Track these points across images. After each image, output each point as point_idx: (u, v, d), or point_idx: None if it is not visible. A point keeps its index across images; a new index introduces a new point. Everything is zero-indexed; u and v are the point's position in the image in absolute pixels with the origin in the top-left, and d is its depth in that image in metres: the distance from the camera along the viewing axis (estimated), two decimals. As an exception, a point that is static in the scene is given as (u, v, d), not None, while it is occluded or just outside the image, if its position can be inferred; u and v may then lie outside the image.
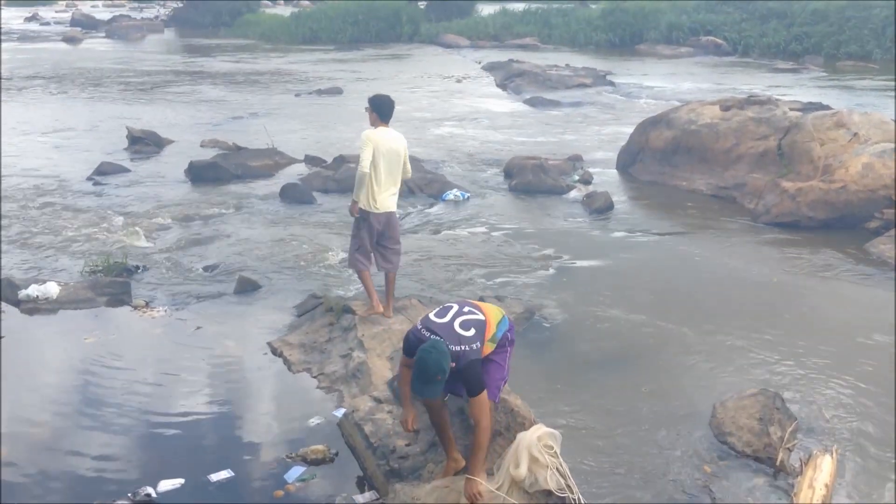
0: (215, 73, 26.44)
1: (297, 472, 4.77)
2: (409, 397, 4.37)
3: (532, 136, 15.69)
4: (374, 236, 6.42)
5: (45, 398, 5.68)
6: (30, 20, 55.02)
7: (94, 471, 4.82)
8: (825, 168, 9.99)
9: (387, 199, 6.39)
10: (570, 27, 39.28)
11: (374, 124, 6.33)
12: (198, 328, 6.88)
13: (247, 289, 7.69)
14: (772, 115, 11.44)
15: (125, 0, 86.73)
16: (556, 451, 4.08)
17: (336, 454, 4.96)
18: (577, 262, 8.57)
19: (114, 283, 7.60)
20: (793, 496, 4.41)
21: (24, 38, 40.00)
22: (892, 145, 9.84)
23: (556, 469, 4.02)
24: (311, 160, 13.36)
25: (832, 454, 4.67)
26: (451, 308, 4.22)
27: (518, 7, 46.42)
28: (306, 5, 64.40)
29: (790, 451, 4.91)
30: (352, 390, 5.64)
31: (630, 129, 13.36)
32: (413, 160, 12.88)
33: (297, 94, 21.64)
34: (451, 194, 11.14)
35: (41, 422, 5.37)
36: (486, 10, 49.50)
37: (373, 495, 4.55)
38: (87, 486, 4.65)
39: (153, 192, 11.32)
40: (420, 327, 4.11)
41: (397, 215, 6.77)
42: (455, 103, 20.28)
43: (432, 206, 10.89)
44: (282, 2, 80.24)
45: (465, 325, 4.07)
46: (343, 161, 12.35)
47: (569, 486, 3.99)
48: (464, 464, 4.17)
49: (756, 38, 33.81)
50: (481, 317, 4.16)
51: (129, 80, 24.38)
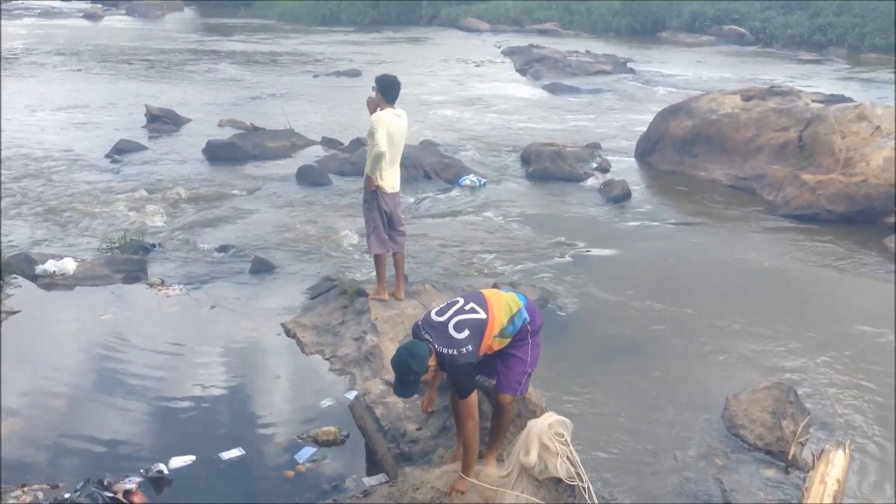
0: (234, 53, 26.44)
1: (307, 452, 4.80)
2: (432, 383, 4.39)
3: (550, 123, 15.60)
4: (385, 218, 6.40)
5: (61, 374, 5.73)
6: (51, -4, 55.08)
7: (107, 447, 4.86)
8: (846, 161, 9.87)
9: (395, 179, 6.40)
10: (592, 13, 38.91)
11: (380, 105, 6.26)
12: (213, 307, 6.91)
13: (261, 269, 7.72)
14: (793, 107, 11.30)
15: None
16: (566, 440, 4.07)
17: (347, 436, 4.98)
18: (593, 251, 8.53)
19: (130, 261, 7.65)
20: (804, 491, 4.39)
21: (45, 13, 40.17)
22: (915, 139, 9.71)
23: (567, 457, 4.01)
24: (327, 142, 13.35)
25: (845, 449, 4.64)
26: (456, 304, 4.10)
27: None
28: (327, -14, 64.21)
29: (802, 445, 4.89)
30: (364, 373, 5.65)
31: (649, 118, 13.26)
32: (429, 145, 12.95)
33: (315, 76, 21.61)
34: (468, 179, 11.10)
35: (56, 398, 5.41)
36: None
37: (382, 478, 4.57)
38: (100, 461, 4.69)
39: (170, 171, 11.36)
40: (420, 323, 4.07)
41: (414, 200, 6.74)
42: (474, 88, 20.18)
43: (448, 191, 10.86)
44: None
45: (460, 326, 3.94)
46: (360, 144, 12.33)
47: (578, 474, 3.98)
48: (470, 482, 4.14)
49: (780, 28, 33.39)
50: (482, 316, 4.01)
51: (148, 58, 24.42)
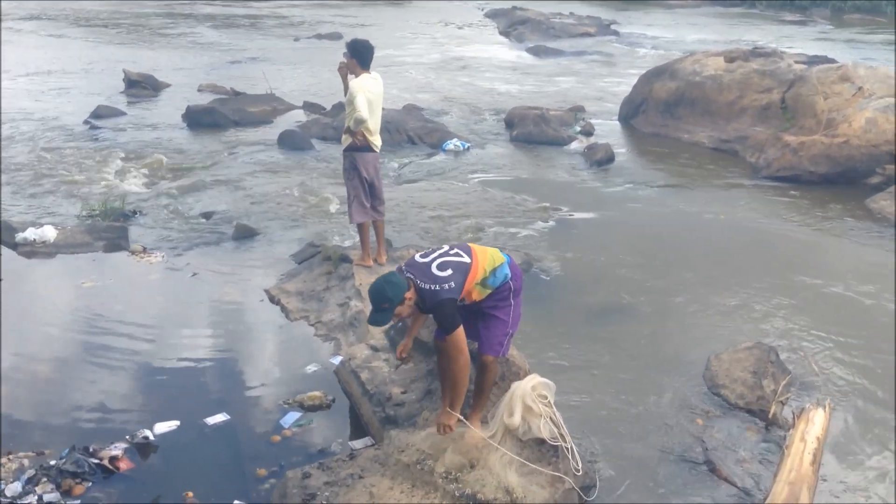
0: (214, 16, 26.05)
1: (293, 417, 4.81)
2: (410, 330, 4.42)
3: (534, 86, 15.52)
4: (366, 186, 6.36)
5: (44, 342, 5.69)
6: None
7: (92, 414, 4.85)
8: (828, 122, 9.90)
9: (377, 142, 6.36)
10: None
11: (354, 71, 6.17)
12: (194, 274, 6.87)
13: (244, 236, 7.67)
14: (776, 68, 11.30)
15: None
16: (549, 401, 4.10)
17: (333, 401, 4.99)
18: (577, 215, 8.53)
19: (111, 228, 7.58)
20: (784, 449, 4.46)
21: (19, -23, 39.20)
22: (896, 100, 9.74)
23: (550, 418, 4.05)
24: (309, 107, 13.23)
25: (825, 408, 4.70)
26: (440, 249, 4.13)
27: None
28: (306, -52, 63.25)
29: (783, 404, 4.95)
30: (349, 338, 5.65)
31: (633, 80, 13.22)
32: (413, 109, 12.85)
33: (296, 39, 21.35)
34: (452, 144, 11.05)
35: (40, 365, 5.39)
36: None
37: (368, 441, 4.59)
38: (85, 428, 4.68)
39: (150, 137, 11.24)
40: (403, 265, 4.07)
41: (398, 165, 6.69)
42: (456, 51, 20.02)
43: (432, 155, 10.81)
44: (281, -56, 78.72)
45: (443, 266, 3.95)
46: (342, 108, 12.22)
47: (562, 434, 4.02)
48: (457, 416, 4.17)
49: (764, -12, 33.29)
50: (466, 259, 4.03)
51: (125, 22, 24.01)
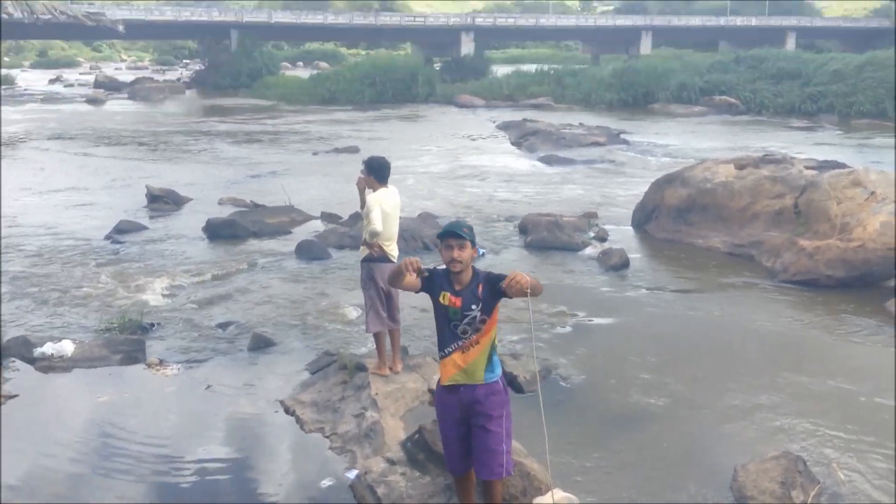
0: (235, 133, 26.90)
1: (308, 534, 4.67)
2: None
3: (547, 193, 15.76)
4: (383, 295, 6.42)
5: (60, 457, 5.62)
6: (54, 82, 56.50)
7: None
8: (842, 226, 9.92)
9: (395, 252, 6.46)
10: (583, 87, 39.83)
11: (372, 186, 6.35)
12: (208, 387, 6.83)
13: (261, 346, 7.66)
14: (787, 174, 11.43)
15: (148, 62, 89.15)
16: (573, 516, 3.98)
17: (348, 517, 4.86)
18: (594, 320, 8.50)
19: (128, 341, 7.60)
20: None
21: (48, 99, 41.03)
22: (909, 203, 9.78)
23: (574, 534, 3.92)
24: (327, 217, 13.45)
25: (859, 520, 4.52)
26: None
27: (531, 68, 47.16)
28: (325, 67, 66.00)
29: (815, 516, 4.77)
30: (364, 451, 5.55)
31: (644, 187, 13.39)
32: (428, 216, 13.04)
33: (314, 153, 21.93)
34: (467, 251, 11.11)
35: (56, 480, 5.30)
36: (501, 70, 50.34)
37: (385, 560, 4.44)
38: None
39: (170, 250, 11.41)
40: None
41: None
42: (470, 161, 20.46)
43: (435, 269, 10.85)
44: (301, 64, 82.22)
45: None
46: (359, 218, 12.42)
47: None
48: None
49: (770, 97, 34.12)
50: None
51: (149, 140, 24.82)
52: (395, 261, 6.48)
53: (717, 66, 38.19)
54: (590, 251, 11.28)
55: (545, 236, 11.55)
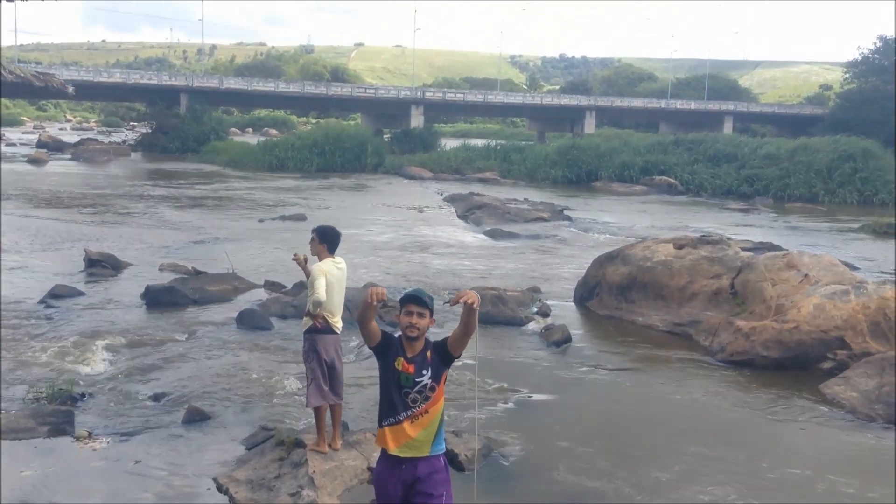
0: (180, 197, 26.64)
1: None
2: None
3: (491, 267, 15.89)
4: (325, 368, 6.32)
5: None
6: (-5, 140, 55.33)
7: None
8: (778, 308, 10.20)
9: (339, 324, 6.40)
10: (528, 163, 40.70)
11: (321, 255, 6.33)
12: (136, 462, 6.58)
13: (196, 419, 7.44)
14: (724, 255, 11.76)
15: (94, 123, 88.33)
16: None
17: None
18: (535, 396, 8.50)
19: (57, 412, 7.30)
20: None
21: (-12, 157, 40.07)
22: (842, 287, 10.11)
23: None
24: (270, 285, 13.31)
25: None
26: None
27: (479, 142, 48.07)
28: (274, 134, 66.27)
29: None
30: (300, 531, 5.38)
31: (587, 263, 13.61)
32: (373, 287, 12.99)
33: (260, 220, 21.81)
34: (410, 324, 11.08)
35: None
36: (449, 143, 51.18)
37: None
38: None
39: (106, 317, 11.11)
40: None
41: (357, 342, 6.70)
42: (417, 232, 20.58)
43: (393, 333, 10.80)
44: (250, 130, 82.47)
45: None
46: (303, 287, 12.32)
47: None
48: None
49: (708, 179, 35.29)
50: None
51: (90, 203, 24.40)
52: (338, 332, 6.42)
53: (658, 147, 39.50)
54: (533, 326, 11.36)
55: (489, 310, 11.59)
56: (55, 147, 48.51)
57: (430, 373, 4.12)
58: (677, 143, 39.60)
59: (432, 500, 4.06)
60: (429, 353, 4.18)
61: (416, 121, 57.80)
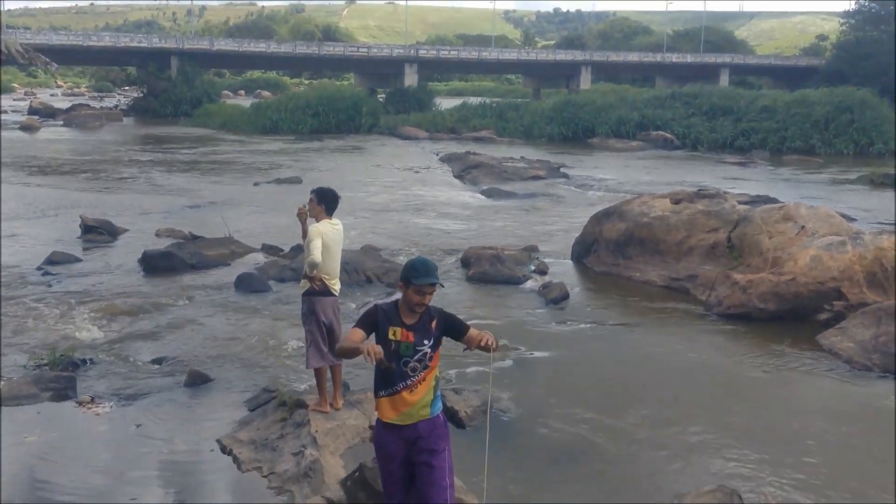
0: (174, 162, 26.49)
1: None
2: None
3: (489, 227, 15.88)
4: (324, 330, 6.35)
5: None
6: (-14, 108, 54.80)
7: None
8: (774, 260, 10.23)
9: (336, 286, 6.41)
10: (524, 120, 40.41)
11: (317, 215, 6.31)
12: (138, 426, 6.64)
13: (197, 382, 7.49)
14: (721, 209, 11.75)
15: (85, 89, 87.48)
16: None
17: (286, 559, 4.76)
18: (534, 353, 8.55)
19: (59, 378, 7.35)
20: None
21: (-20, 125, 39.72)
22: (839, 238, 10.12)
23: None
24: (268, 249, 13.30)
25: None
26: None
27: (475, 100, 47.69)
28: (267, 96, 65.68)
29: (750, 549, 4.85)
30: (304, 490, 5.46)
31: (584, 220, 13.60)
32: (370, 250, 13.01)
33: (256, 183, 21.71)
34: (409, 284, 11.11)
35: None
36: (444, 102, 50.80)
37: None
38: None
39: (105, 283, 11.12)
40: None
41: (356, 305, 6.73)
42: (413, 193, 20.52)
43: (390, 294, 10.85)
44: (242, 92, 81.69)
45: None
46: (300, 250, 12.31)
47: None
48: None
49: (704, 133, 35.10)
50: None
51: (84, 169, 24.27)
52: (336, 294, 6.44)
53: (654, 102, 39.18)
54: (531, 284, 11.39)
55: (487, 270, 11.62)
56: (47, 113, 48.00)
57: (431, 342, 4.10)
58: (674, 97, 39.27)
59: (435, 456, 4.09)
60: (434, 322, 4.12)
61: (410, 79, 57.21)
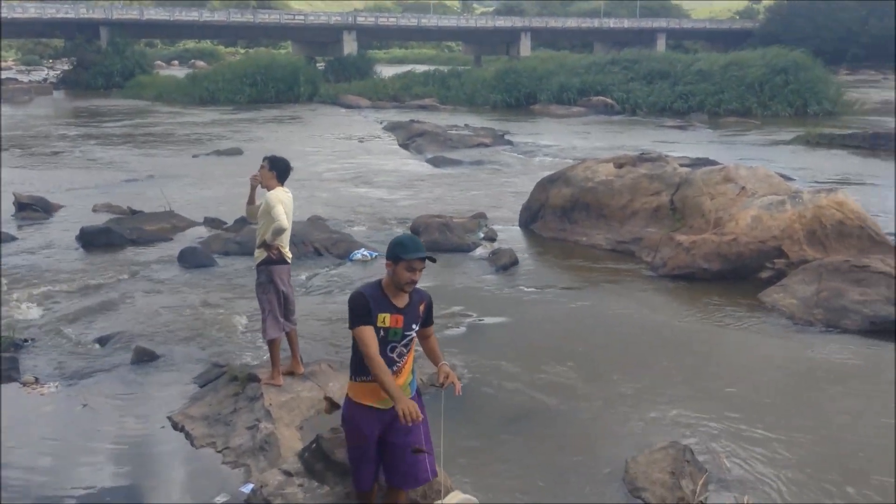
0: (108, 135, 25.73)
1: (203, 555, 4.51)
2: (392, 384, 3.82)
3: (436, 195, 15.84)
4: (282, 298, 6.29)
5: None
6: None
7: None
8: (716, 221, 10.43)
9: (289, 255, 6.37)
10: (467, 88, 40.28)
11: (270, 184, 6.21)
12: (84, 405, 6.49)
13: (144, 359, 7.34)
14: (663, 172, 11.91)
15: (12, 62, 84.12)
16: (474, 518, 4.00)
17: (245, 533, 4.72)
18: (486, 319, 8.60)
19: (1, 359, 7.12)
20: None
21: None
22: (778, 198, 10.36)
23: (476, 536, 3.94)
24: (210, 222, 13.05)
25: None
26: None
27: (416, 68, 47.31)
28: (202, 66, 64.04)
29: (703, 503, 4.98)
30: (260, 464, 5.41)
31: (530, 187, 13.65)
32: (317, 220, 12.86)
33: (194, 156, 21.25)
34: (359, 254, 11.06)
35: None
36: (385, 71, 50.27)
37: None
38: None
39: (42, 261, 10.79)
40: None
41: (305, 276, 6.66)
42: (358, 163, 20.33)
43: (339, 266, 10.77)
44: (176, 63, 79.54)
45: None
46: (244, 223, 12.10)
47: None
48: None
49: (643, 97, 35.45)
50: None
51: (15, 145, 23.40)
52: (289, 262, 6.37)
53: (594, 68, 39.34)
54: (480, 251, 11.42)
55: (436, 238, 11.59)
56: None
57: (417, 326, 3.98)
58: (613, 63, 39.50)
59: (414, 434, 3.93)
60: (422, 307, 3.99)
61: (350, 47, 56.46)
